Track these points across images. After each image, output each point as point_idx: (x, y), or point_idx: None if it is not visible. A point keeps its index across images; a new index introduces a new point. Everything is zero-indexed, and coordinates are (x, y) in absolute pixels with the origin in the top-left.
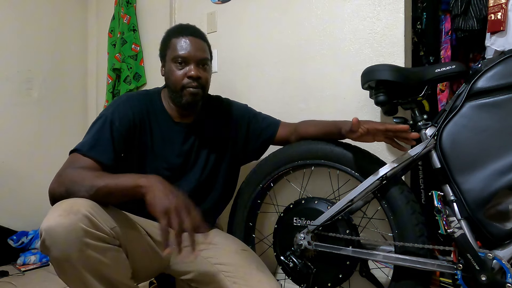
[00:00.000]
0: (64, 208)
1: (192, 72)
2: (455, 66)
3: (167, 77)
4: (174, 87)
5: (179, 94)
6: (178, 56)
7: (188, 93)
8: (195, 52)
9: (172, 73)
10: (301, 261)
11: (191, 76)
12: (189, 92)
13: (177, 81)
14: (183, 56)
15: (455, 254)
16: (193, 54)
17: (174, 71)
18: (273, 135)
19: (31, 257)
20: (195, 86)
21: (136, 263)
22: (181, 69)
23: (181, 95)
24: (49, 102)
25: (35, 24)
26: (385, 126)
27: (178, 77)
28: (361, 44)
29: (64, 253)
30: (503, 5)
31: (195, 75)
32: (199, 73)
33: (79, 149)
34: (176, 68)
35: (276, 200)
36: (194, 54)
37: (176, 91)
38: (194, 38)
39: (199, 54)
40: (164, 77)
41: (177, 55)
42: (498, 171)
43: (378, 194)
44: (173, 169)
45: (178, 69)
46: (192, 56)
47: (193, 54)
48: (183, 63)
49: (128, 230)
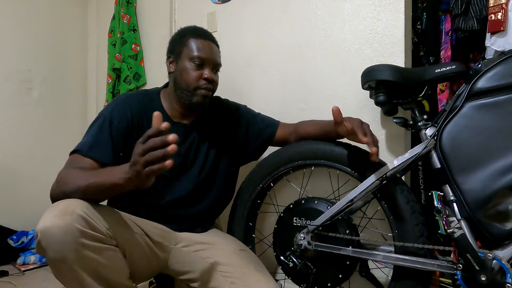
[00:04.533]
0: (60, 209)
1: (208, 74)
2: (455, 66)
3: (179, 74)
4: (187, 85)
5: (191, 93)
6: (197, 56)
7: (200, 94)
8: (213, 56)
9: (187, 71)
10: (301, 261)
11: (207, 78)
12: (201, 93)
13: (191, 81)
14: (202, 57)
15: (455, 254)
16: (211, 58)
17: (189, 70)
18: (272, 135)
19: (31, 256)
20: (209, 89)
21: (134, 263)
22: (197, 70)
23: (193, 94)
24: (49, 102)
25: (35, 24)
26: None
27: (194, 77)
28: (361, 44)
29: (60, 254)
30: (503, 5)
31: (211, 78)
32: (214, 77)
33: (79, 149)
34: (192, 68)
35: (276, 200)
36: (213, 58)
37: (188, 90)
38: (212, 43)
39: (217, 59)
40: (173, 73)
41: (196, 56)
42: (498, 171)
43: (378, 194)
44: (172, 169)
45: (194, 69)
46: (210, 59)
47: (211, 57)
48: (200, 65)
49: (125, 230)
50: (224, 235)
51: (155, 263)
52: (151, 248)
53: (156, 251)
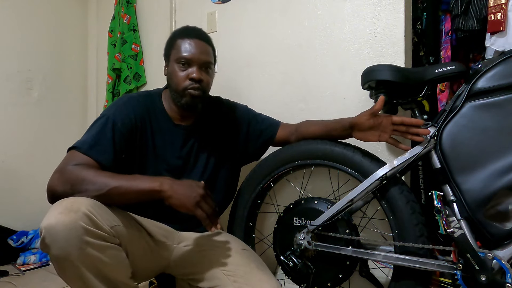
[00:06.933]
0: (65, 206)
1: (194, 74)
2: (455, 66)
3: (170, 77)
4: (176, 87)
5: (180, 94)
6: (182, 57)
7: (189, 95)
8: (199, 55)
9: (175, 73)
10: (301, 261)
11: (193, 78)
12: (189, 94)
13: (179, 82)
14: (187, 57)
15: (455, 254)
16: (196, 57)
17: (176, 71)
18: (273, 135)
19: (31, 256)
20: (196, 88)
21: (136, 262)
22: (183, 70)
23: (181, 95)
24: (49, 102)
25: (35, 24)
26: (401, 118)
27: (180, 78)
28: (361, 44)
29: (64, 251)
30: (503, 6)
31: (197, 78)
32: (201, 75)
33: (78, 147)
34: (179, 69)
35: (276, 200)
36: (198, 57)
37: (177, 92)
38: (199, 41)
39: (203, 57)
40: (167, 77)
41: (180, 56)
42: (498, 171)
43: (378, 194)
44: (173, 170)
45: (180, 70)
46: (195, 58)
47: (196, 56)
48: (186, 65)
49: (128, 229)
50: (225, 235)
51: (158, 262)
52: (154, 247)
53: (158, 250)
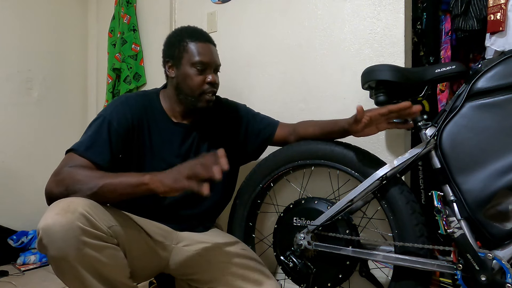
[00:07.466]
0: (62, 207)
1: (211, 78)
2: (455, 66)
3: (182, 80)
4: (191, 91)
5: (196, 98)
6: (199, 61)
7: (205, 99)
8: (214, 58)
9: (191, 77)
10: (301, 261)
11: (210, 82)
12: (206, 98)
13: (195, 86)
14: (204, 62)
15: (455, 254)
16: (213, 61)
17: (192, 75)
18: (272, 135)
19: (31, 256)
20: (213, 92)
21: (135, 262)
22: (200, 75)
23: (198, 99)
24: (49, 102)
25: (35, 24)
26: (387, 108)
27: (198, 82)
28: (361, 44)
29: (61, 251)
30: (502, 6)
31: (213, 82)
32: (216, 79)
33: (75, 149)
34: (195, 73)
35: (276, 200)
36: (214, 61)
37: (192, 96)
38: (210, 45)
39: (218, 61)
40: (175, 79)
41: (198, 61)
42: (498, 171)
43: (378, 194)
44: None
45: (197, 75)
46: (212, 62)
47: (213, 60)
48: (202, 69)
49: (126, 229)
50: (225, 234)
51: (156, 262)
52: (152, 247)
53: (157, 250)
